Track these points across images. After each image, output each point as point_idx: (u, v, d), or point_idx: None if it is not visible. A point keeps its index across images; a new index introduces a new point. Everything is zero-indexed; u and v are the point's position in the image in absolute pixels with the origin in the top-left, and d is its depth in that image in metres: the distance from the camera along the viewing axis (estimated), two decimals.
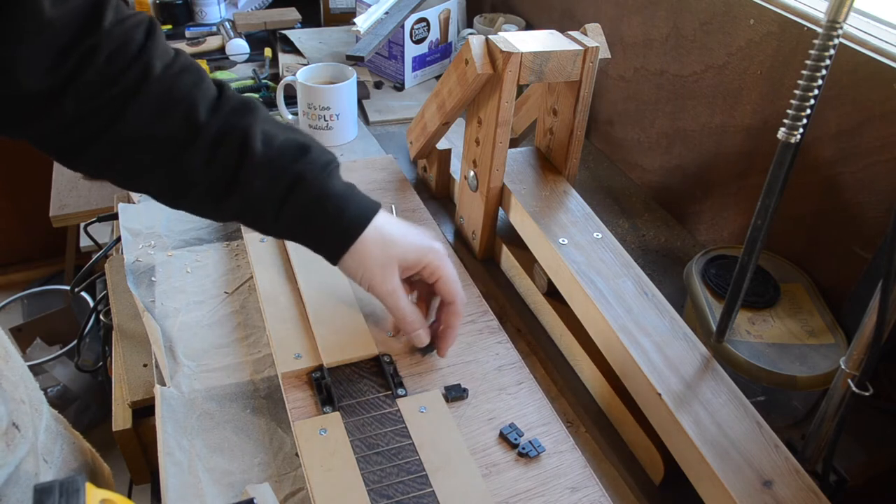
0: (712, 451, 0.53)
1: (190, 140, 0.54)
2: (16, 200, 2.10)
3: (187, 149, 0.54)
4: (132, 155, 0.54)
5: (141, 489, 0.91)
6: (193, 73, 0.55)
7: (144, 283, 0.78)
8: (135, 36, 0.52)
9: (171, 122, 0.53)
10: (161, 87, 0.52)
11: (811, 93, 0.49)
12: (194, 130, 0.54)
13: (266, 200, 0.57)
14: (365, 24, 1.23)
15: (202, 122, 0.54)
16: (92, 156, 0.54)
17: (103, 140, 0.52)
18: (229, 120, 0.55)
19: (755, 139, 0.81)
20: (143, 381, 0.80)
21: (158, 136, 0.53)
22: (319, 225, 0.59)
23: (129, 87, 0.51)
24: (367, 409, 0.61)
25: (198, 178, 0.55)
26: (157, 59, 0.53)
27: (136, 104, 0.51)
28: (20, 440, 0.55)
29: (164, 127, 0.53)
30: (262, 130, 0.56)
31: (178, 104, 0.53)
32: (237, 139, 0.55)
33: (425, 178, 0.99)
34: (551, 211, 0.75)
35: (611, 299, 0.65)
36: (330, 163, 0.60)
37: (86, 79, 0.49)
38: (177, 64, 0.54)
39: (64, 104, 0.50)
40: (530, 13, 1.29)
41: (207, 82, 0.56)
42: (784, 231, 0.77)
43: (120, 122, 0.51)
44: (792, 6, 0.75)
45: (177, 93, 0.53)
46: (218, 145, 0.55)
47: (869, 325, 0.49)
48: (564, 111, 0.78)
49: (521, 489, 0.57)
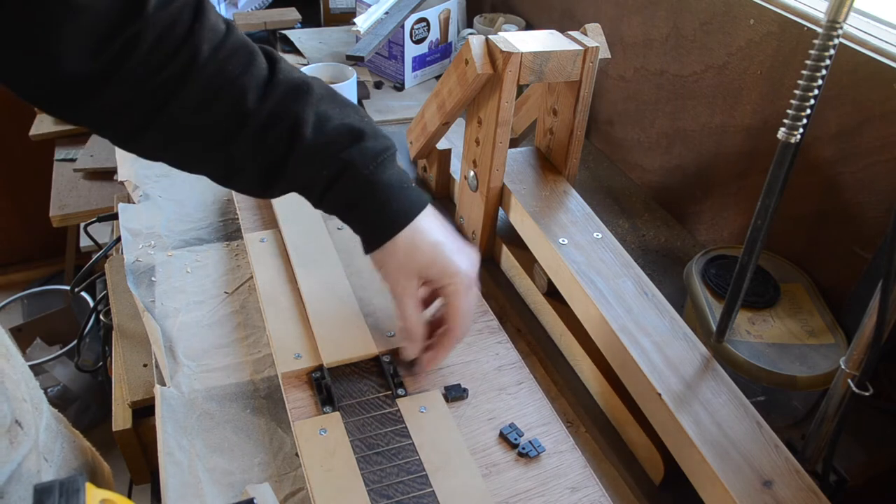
0: (712, 451, 0.53)
1: (238, 128, 0.53)
2: (16, 200, 2.10)
3: (236, 136, 0.54)
4: (182, 142, 0.54)
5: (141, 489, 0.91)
6: (243, 55, 0.53)
7: (144, 283, 0.78)
8: (181, 19, 0.50)
9: (219, 109, 0.52)
10: (208, 74, 0.51)
11: (811, 93, 0.49)
12: (242, 118, 0.53)
13: (313, 185, 0.58)
14: (365, 24, 1.23)
15: (250, 110, 0.53)
16: (145, 141, 0.54)
17: (153, 127, 0.52)
18: (279, 105, 0.54)
19: (755, 139, 0.81)
20: (143, 381, 0.80)
21: (207, 123, 0.53)
22: (360, 216, 0.59)
23: (175, 75, 0.50)
24: (367, 409, 0.61)
25: (247, 163, 0.55)
26: (205, 42, 0.51)
27: (182, 92, 0.51)
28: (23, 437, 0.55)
29: (212, 115, 0.52)
30: (315, 114, 0.55)
31: (226, 91, 0.52)
32: (287, 125, 0.54)
33: (425, 178, 0.99)
34: (551, 211, 0.75)
35: (611, 299, 0.65)
36: (383, 151, 0.58)
37: (131, 65, 0.49)
38: (226, 46, 0.53)
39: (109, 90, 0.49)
40: (530, 13, 1.29)
41: (258, 63, 0.54)
42: (784, 231, 0.77)
43: (167, 109, 0.51)
44: (792, 6, 0.75)
45: (225, 79, 0.52)
46: (266, 132, 0.54)
47: (869, 325, 0.49)
48: (564, 111, 0.78)
49: (521, 489, 0.57)
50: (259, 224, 0.84)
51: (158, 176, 0.96)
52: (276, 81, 0.54)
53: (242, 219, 0.85)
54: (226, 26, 0.54)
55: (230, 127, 0.53)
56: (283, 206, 0.83)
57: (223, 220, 0.89)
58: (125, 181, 0.96)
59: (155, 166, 0.98)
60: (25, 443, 0.56)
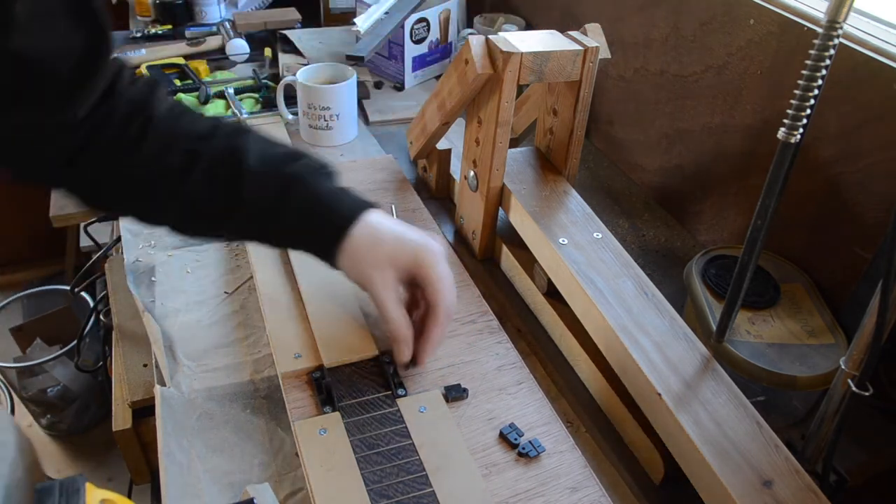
0: (712, 451, 0.53)
1: (189, 170, 0.59)
2: (16, 200, 2.10)
3: (188, 178, 0.59)
4: (146, 191, 0.61)
5: (141, 489, 0.91)
6: (191, 114, 0.63)
7: (144, 283, 0.78)
8: (142, 94, 0.60)
9: (174, 156, 0.59)
10: (162, 129, 0.60)
11: (811, 93, 0.49)
12: (194, 158, 0.59)
13: (266, 206, 0.60)
14: (365, 24, 1.23)
15: (200, 151, 0.60)
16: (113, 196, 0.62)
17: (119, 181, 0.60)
18: (223, 142, 0.61)
19: (755, 139, 0.81)
20: (143, 381, 0.80)
21: (164, 170, 0.59)
22: (315, 223, 0.61)
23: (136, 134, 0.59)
24: (367, 409, 0.61)
25: (203, 201, 0.60)
26: (160, 105, 0.61)
27: (142, 145, 0.59)
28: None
29: (169, 160, 0.59)
30: (255, 146, 0.61)
31: (179, 140, 0.60)
32: (233, 157, 0.60)
33: (425, 178, 0.99)
34: (551, 211, 0.76)
35: (611, 299, 0.65)
36: (325, 166, 0.63)
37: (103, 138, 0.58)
38: (176, 109, 0.62)
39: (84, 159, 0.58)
40: (530, 13, 1.29)
41: (205, 119, 0.64)
42: (784, 231, 0.77)
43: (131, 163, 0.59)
44: (792, 6, 0.75)
45: (178, 131, 0.61)
46: (215, 169, 0.60)
47: (869, 325, 0.49)
48: (564, 111, 0.78)
49: (521, 489, 0.57)
50: None
51: None
52: (219, 127, 0.62)
53: None
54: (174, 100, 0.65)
55: (184, 169, 0.59)
56: None
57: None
58: None
59: None
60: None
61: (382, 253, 0.60)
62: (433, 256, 0.61)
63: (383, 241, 0.60)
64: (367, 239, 0.60)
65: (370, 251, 0.60)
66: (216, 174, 0.60)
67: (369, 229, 0.60)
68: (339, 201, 0.61)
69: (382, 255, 0.60)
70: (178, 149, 0.60)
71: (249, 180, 0.59)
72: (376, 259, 0.60)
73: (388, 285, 0.61)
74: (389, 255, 0.60)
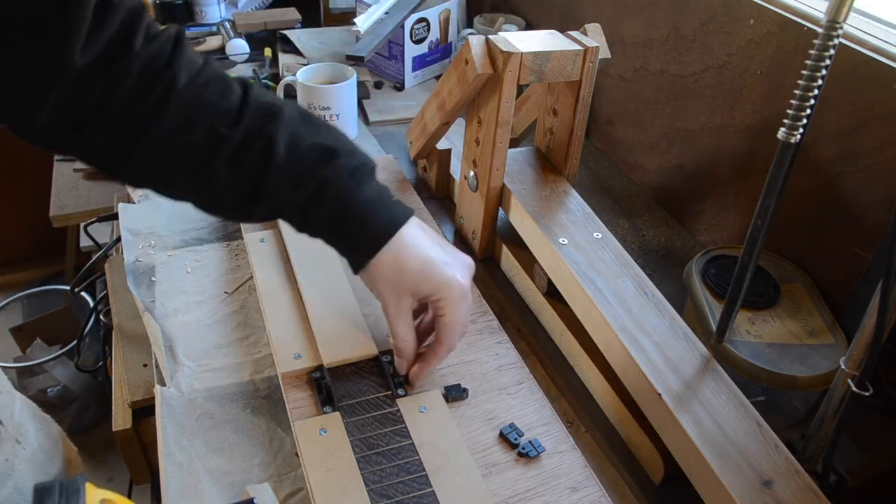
0: (712, 451, 0.53)
1: (214, 152, 0.54)
2: (16, 200, 2.10)
3: (212, 161, 0.54)
4: (164, 168, 0.56)
5: (141, 489, 0.91)
6: (218, 83, 0.55)
7: (144, 283, 0.78)
8: (163, 52, 0.53)
9: (196, 133, 0.54)
10: (185, 100, 0.53)
11: (811, 93, 0.49)
12: (217, 142, 0.54)
13: (292, 207, 0.57)
14: (365, 24, 1.23)
15: (225, 134, 0.54)
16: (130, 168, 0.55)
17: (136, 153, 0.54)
18: (252, 127, 0.55)
19: (755, 139, 0.81)
20: (143, 381, 0.80)
21: (184, 149, 0.54)
22: (341, 236, 0.59)
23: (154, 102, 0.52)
24: (367, 409, 0.61)
25: (226, 187, 0.56)
26: (183, 70, 0.53)
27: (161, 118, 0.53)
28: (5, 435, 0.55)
29: (190, 138, 0.54)
30: (287, 135, 0.56)
31: (201, 116, 0.54)
32: (260, 147, 0.55)
33: (425, 178, 0.99)
34: (551, 211, 0.75)
35: (611, 299, 0.65)
36: (359, 167, 0.58)
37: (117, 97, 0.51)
38: (202, 75, 0.55)
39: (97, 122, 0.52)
40: (530, 13, 1.29)
41: (233, 92, 0.56)
42: (784, 231, 0.77)
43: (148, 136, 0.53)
44: (792, 6, 0.75)
45: (200, 105, 0.54)
46: (242, 154, 0.55)
47: (869, 325, 0.49)
48: (564, 111, 0.78)
49: (521, 489, 0.57)
50: (259, 224, 0.84)
51: None
52: (248, 104, 0.56)
53: None
54: (203, 60, 0.56)
55: (207, 151, 0.54)
56: None
57: (223, 220, 0.89)
58: None
59: None
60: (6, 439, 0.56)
61: (404, 281, 0.59)
62: (453, 300, 0.59)
63: (407, 268, 0.58)
64: (393, 262, 0.58)
65: (392, 277, 0.59)
66: (241, 163, 0.55)
67: (398, 252, 0.58)
68: (371, 216, 0.58)
69: (403, 283, 0.59)
70: (200, 126, 0.54)
71: (277, 177, 0.55)
72: (396, 286, 0.59)
73: (402, 311, 0.60)
74: (411, 285, 0.59)
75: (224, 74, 0.57)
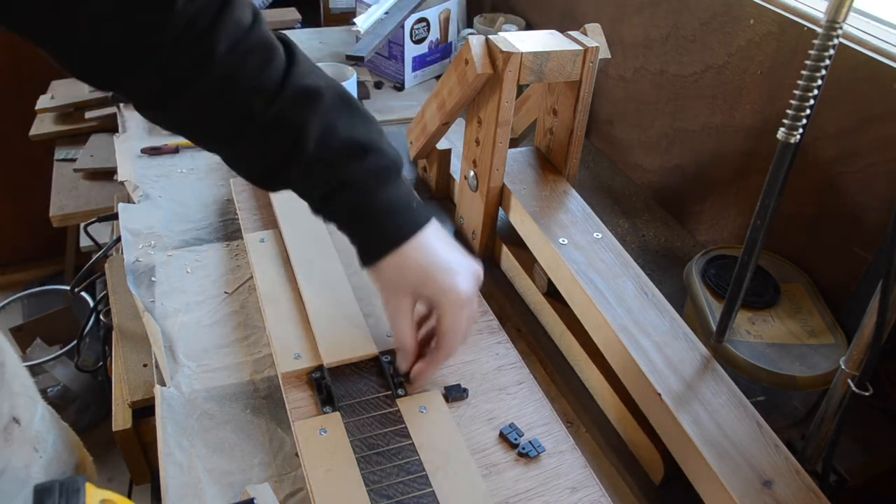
0: (712, 451, 0.53)
1: (245, 127, 0.54)
2: (16, 200, 2.10)
3: (243, 135, 0.55)
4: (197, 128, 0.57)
5: (141, 489, 0.91)
6: (261, 54, 0.53)
7: (144, 283, 0.78)
8: (203, 16, 0.50)
9: (230, 107, 0.53)
10: (222, 72, 0.52)
11: (811, 93, 0.49)
12: (249, 119, 0.54)
13: (310, 195, 0.59)
14: (365, 24, 1.23)
15: (257, 113, 0.53)
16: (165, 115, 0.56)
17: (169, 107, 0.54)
18: (286, 111, 0.54)
19: (755, 139, 0.81)
20: (143, 381, 0.80)
21: (216, 117, 0.54)
22: (356, 232, 0.60)
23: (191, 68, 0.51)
24: (367, 409, 0.61)
25: (254, 159, 0.58)
26: (224, 40, 0.51)
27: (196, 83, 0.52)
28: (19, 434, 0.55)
29: (223, 111, 0.54)
30: (321, 124, 0.55)
31: (237, 90, 0.53)
32: (291, 133, 0.54)
33: (425, 178, 0.99)
34: (551, 211, 0.75)
35: (611, 299, 0.65)
36: (386, 169, 0.58)
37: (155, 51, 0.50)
38: (245, 43, 0.52)
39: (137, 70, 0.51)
40: (530, 13, 1.29)
41: (275, 64, 0.54)
42: (784, 231, 0.77)
43: (183, 95, 0.52)
44: (792, 6, 0.75)
45: (238, 78, 0.52)
46: (271, 135, 0.54)
47: (869, 325, 0.49)
48: (564, 111, 0.78)
49: (521, 489, 0.57)
50: (259, 224, 0.84)
51: (158, 176, 0.96)
52: (287, 85, 0.54)
53: (242, 219, 0.85)
54: (251, 19, 0.53)
55: (236, 125, 0.54)
56: (283, 206, 0.83)
57: (223, 220, 0.89)
58: (125, 181, 0.96)
59: (154, 166, 0.98)
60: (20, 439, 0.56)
61: (403, 282, 0.59)
62: (450, 306, 0.59)
63: (408, 270, 0.59)
64: (394, 265, 0.59)
65: (392, 277, 0.59)
66: (268, 143, 0.55)
67: (406, 255, 0.58)
68: (390, 220, 0.58)
69: (403, 284, 0.59)
70: (235, 99, 0.53)
71: (301, 165, 0.55)
72: (395, 286, 0.60)
73: (400, 310, 0.60)
74: (410, 287, 0.59)
75: (270, 40, 0.54)
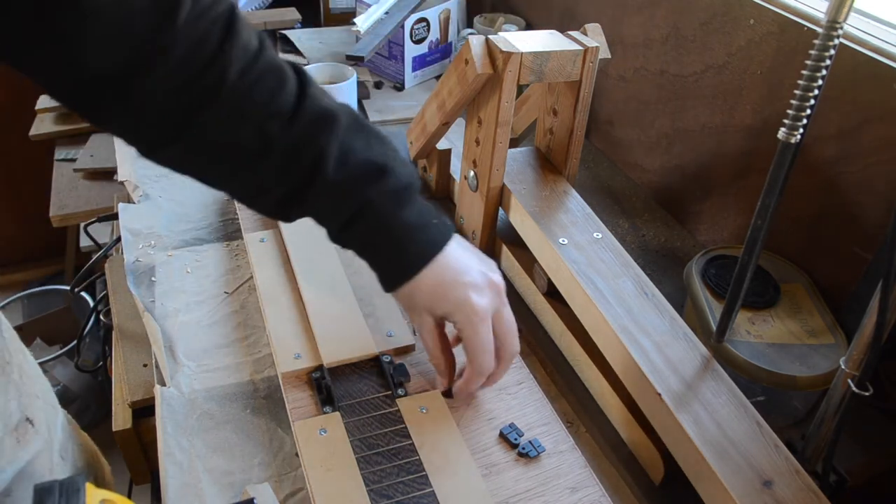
0: (712, 451, 0.53)
1: (263, 153, 0.52)
2: (16, 200, 2.10)
3: (259, 162, 0.52)
4: (207, 159, 0.53)
5: (141, 489, 0.91)
6: (273, 77, 0.51)
7: (144, 283, 0.78)
8: (211, 36, 0.48)
9: (245, 133, 0.51)
10: (235, 97, 0.49)
11: (811, 93, 0.49)
12: (267, 144, 0.52)
13: (330, 220, 0.57)
14: (365, 24, 1.23)
15: (275, 137, 0.51)
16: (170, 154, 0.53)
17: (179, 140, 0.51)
18: (304, 135, 0.52)
19: (755, 139, 0.81)
20: (143, 381, 0.80)
21: (231, 145, 0.52)
22: (377, 256, 0.59)
23: (201, 94, 0.48)
24: (367, 409, 0.61)
25: (270, 187, 0.54)
26: (235, 62, 0.49)
27: (208, 111, 0.49)
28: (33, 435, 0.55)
29: (237, 138, 0.51)
30: (339, 147, 0.54)
31: (250, 116, 0.51)
32: (310, 157, 0.53)
33: (425, 178, 0.99)
34: (551, 211, 0.75)
35: (611, 299, 0.65)
36: (404, 189, 0.57)
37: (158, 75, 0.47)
38: (256, 67, 0.50)
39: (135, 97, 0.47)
40: (530, 13, 1.29)
41: (288, 88, 0.52)
42: (784, 231, 0.77)
43: (193, 125, 0.50)
44: (792, 6, 0.75)
45: (251, 103, 0.50)
46: (290, 160, 0.53)
47: (869, 325, 0.49)
48: (564, 111, 0.78)
49: (521, 489, 0.57)
50: (259, 224, 0.84)
51: (158, 176, 0.96)
52: (303, 108, 0.52)
53: (242, 219, 0.85)
54: (258, 44, 0.51)
55: (254, 152, 0.52)
56: None
57: (223, 220, 0.89)
58: (125, 181, 0.96)
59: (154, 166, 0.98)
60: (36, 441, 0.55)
61: (421, 303, 0.59)
62: (467, 321, 0.58)
63: (422, 288, 0.58)
64: (410, 290, 0.58)
65: (411, 299, 0.59)
66: (288, 169, 0.53)
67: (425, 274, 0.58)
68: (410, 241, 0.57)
69: (420, 304, 0.59)
70: (250, 125, 0.51)
71: (322, 189, 0.54)
72: (414, 306, 0.60)
73: (424, 328, 0.60)
74: (427, 306, 0.59)
75: (280, 64, 0.53)
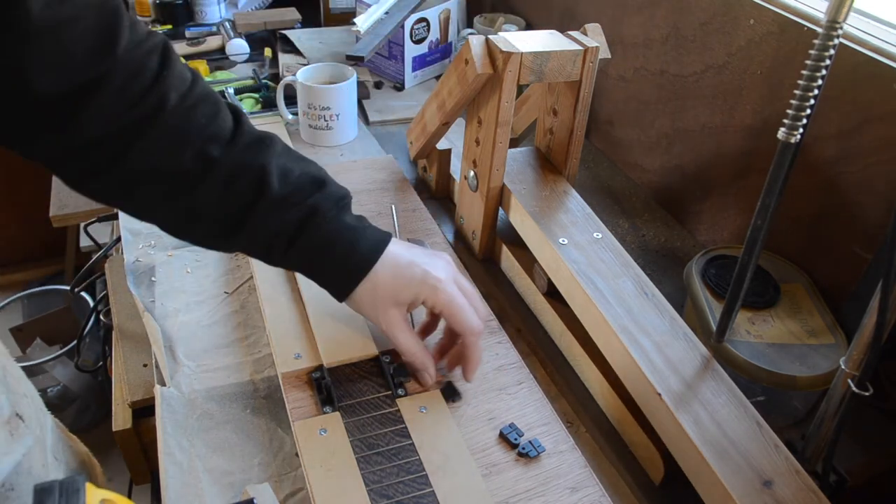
0: (712, 451, 0.53)
1: (202, 176, 0.53)
2: (16, 200, 2.10)
3: (200, 184, 0.53)
4: (143, 187, 0.53)
5: (141, 489, 0.91)
6: (209, 105, 0.54)
7: (144, 283, 0.78)
8: (149, 63, 0.50)
9: (184, 156, 0.52)
10: (175, 121, 0.51)
11: (811, 93, 0.49)
12: (207, 166, 0.53)
13: (278, 235, 0.57)
14: (365, 24, 1.23)
15: (216, 158, 0.53)
16: (102, 185, 0.53)
17: (113, 171, 0.51)
18: (245, 156, 0.54)
19: (755, 139, 0.81)
20: (143, 381, 0.80)
21: (171, 170, 0.52)
22: (329, 263, 0.59)
23: (141, 120, 0.50)
24: (367, 409, 0.61)
25: (209, 213, 0.55)
26: (173, 89, 0.51)
27: (147, 138, 0.50)
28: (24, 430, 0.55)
29: (177, 161, 0.52)
30: (278, 165, 0.56)
31: (191, 139, 0.52)
32: (253, 176, 0.54)
33: (425, 178, 0.99)
34: (551, 211, 0.75)
35: (611, 299, 0.65)
36: (342, 198, 0.59)
37: (98, 103, 0.48)
38: (193, 94, 0.53)
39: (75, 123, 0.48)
40: (530, 13, 1.29)
41: (223, 114, 0.54)
42: (784, 231, 0.77)
43: (130, 154, 0.50)
44: (792, 6, 0.75)
45: (191, 127, 0.52)
46: (232, 182, 0.54)
47: (869, 325, 0.49)
48: (564, 111, 0.78)
49: (521, 489, 0.57)
50: None
51: None
52: (241, 132, 0.55)
53: None
54: (191, 75, 0.54)
55: (195, 174, 0.53)
56: None
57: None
58: None
59: None
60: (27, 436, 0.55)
61: (384, 298, 0.59)
62: (436, 290, 0.59)
63: (384, 287, 0.59)
64: (369, 291, 0.59)
65: (372, 299, 0.60)
66: (232, 189, 0.54)
67: (372, 279, 0.59)
68: (361, 238, 0.59)
69: (384, 299, 0.59)
70: (189, 149, 0.52)
71: (269, 204, 0.55)
72: (377, 305, 0.60)
73: (393, 324, 0.60)
74: (392, 296, 0.59)
75: (213, 92, 0.55)
